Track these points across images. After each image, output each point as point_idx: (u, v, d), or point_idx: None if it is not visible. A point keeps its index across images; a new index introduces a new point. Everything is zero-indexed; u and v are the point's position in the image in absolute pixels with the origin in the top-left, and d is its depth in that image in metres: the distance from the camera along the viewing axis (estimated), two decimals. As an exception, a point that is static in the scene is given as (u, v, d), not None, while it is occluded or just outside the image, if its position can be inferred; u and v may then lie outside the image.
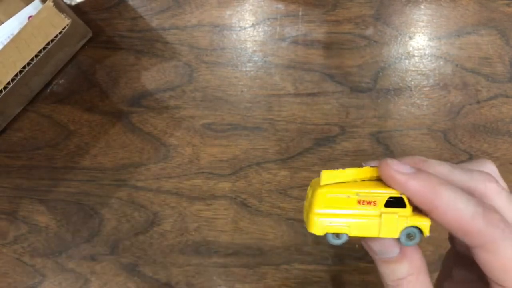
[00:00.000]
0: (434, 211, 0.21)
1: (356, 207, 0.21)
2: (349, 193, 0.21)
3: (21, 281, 0.45)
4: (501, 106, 0.45)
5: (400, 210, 0.21)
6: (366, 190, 0.21)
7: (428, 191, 0.20)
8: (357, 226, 0.22)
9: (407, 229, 0.21)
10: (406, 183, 0.21)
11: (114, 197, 0.46)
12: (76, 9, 0.49)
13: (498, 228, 0.20)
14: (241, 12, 0.48)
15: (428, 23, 0.46)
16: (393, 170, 0.21)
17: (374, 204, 0.21)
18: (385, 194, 0.21)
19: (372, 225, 0.21)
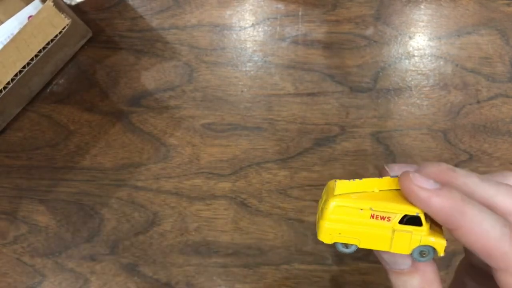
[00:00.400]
0: (458, 230, 0.20)
1: (369, 221, 0.21)
2: (363, 206, 0.20)
3: (21, 281, 0.45)
4: (501, 106, 0.45)
5: (415, 229, 0.20)
6: (380, 205, 0.20)
7: (452, 209, 0.19)
8: (367, 239, 0.21)
9: (421, 247, 0.20)
10: (429, 200, 0.20)
11: (114, 197, 0.46)
12: (76, 9, 0.49)
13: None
14: (241, 12, 0.48)
15: (428, 23, 0.46)
16: (415, 185, 0.20)
17: (388, 220, 0.20)
18: (401, 211, 0.20)
19: (383, 239, 0.21)
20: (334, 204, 0.21)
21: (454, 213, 0.19)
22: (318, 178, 0.45)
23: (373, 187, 0.21)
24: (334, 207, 0.21)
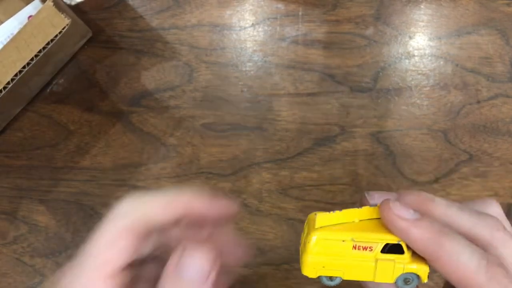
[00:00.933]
0: (436, 261, 0.20)
1: (351, 253, 0.21)
2: (344, 237, 0.21)
3: (21, 281, 0.45)
4: (501, 106, 0.45)
5: (398, 257, 0.20)
6: (362, 235, 0.21)
7: (430, 240, 0.20)
8: (351, 271, 0.21)
9: (404, 275, 0.21)
10: (408, 231, 0.20)
11: (114, 197, 0.46)
12: (76, 9, 0.49)
13: (500, 285, 0.19)
14: (241, 12, 0.48)
15: (428, 23, 0.46)
16: (394, 215, 0.20)
17: (370, 250, 0.21)
18: (382, 240, 0.20)
19: (366, 270, 0.21)
20: (316, 237, 0.21)
21: (432, 245, 0.20)
22: (318, 178, 0.45)
23: (353, 217, 0.22)
24: (316, 241, 0.21)
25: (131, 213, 0.21)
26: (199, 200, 0.22)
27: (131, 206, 0.21)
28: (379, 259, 0.20)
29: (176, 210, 0.22)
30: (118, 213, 0.22)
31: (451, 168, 0.44)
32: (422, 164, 0.44)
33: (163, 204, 0.21)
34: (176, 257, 0.20)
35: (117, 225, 0.21)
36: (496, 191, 0.43)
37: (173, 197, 0.22)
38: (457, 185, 0.44)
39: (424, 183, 0.44)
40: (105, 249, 0.20)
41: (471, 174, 0.44)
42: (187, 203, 0.22)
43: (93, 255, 0.20)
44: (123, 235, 0.21)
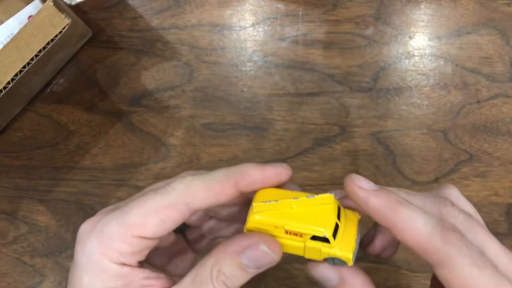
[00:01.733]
0: (393, 228, 0.21)
1: (283, 236, 0.22)
2: (277, 224, 0.22)
3: (21, 281, 0.45)
4: (501, 106, 0.45)
5: (324, 245, 0.22)
6: (293, 225, 0.22)
7: (388, 208, 0.21)
8: (285, 247, 0.23)
9: (331, 258, 0.22)
10: (367, 199, 0.22)
11: (114, 197, 0.46)
12: (76, 8, 0.49)
13: (455, 246, 0.20)
14: (241, 12, 0.48)
15: (428, 23, 0.46)
16: (355, 185, 0.22)
17: (301, 236, 0.22)
18: (310, 231, 0.22)
19: (297, 248, 0.22)
20: (253, 220, 0.23)
21: (389, 212, 0.21)
22: (318, 178, 0.45)
23: (289, 205, 0.23)
24: (253, 223, 0.23)
25: (189, 192, 0.22)
26: (253, 171, 0.23)
27: (192, 184, 0.22)
28: (307, 246, 0.22)
29: (231, 192, 0.23)
30: (177, 186, 0.22)
31: (451, 168, 0.44)
32: (422, 164, 0.44)
33: (219, 187, 0.23)
34: None
35: (174, 196, 0.22)
36: (496, 191, 0.43)
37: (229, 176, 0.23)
38: (457, 185, 0.43)
39: (424, 183, 0.44)
40: (149, 214, 0.22)
41: (471, 174, 0.44)
42: (242, 178, 0.23)
43: (138, 212, 0.22)
44: (172, 210, 0.22)
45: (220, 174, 0.23)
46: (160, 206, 0.22)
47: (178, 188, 0.22)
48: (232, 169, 0.23)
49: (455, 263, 0.20)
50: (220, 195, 0.22)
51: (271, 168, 0.23)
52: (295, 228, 0.22)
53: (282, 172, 0.23)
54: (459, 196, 0.25)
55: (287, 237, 0.22)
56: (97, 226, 0.22)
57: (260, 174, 0.23)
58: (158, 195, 0.22)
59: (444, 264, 0.20)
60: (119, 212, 0.22)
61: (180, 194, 0.22)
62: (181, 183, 0.22)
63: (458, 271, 0.20)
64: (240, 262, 0.22)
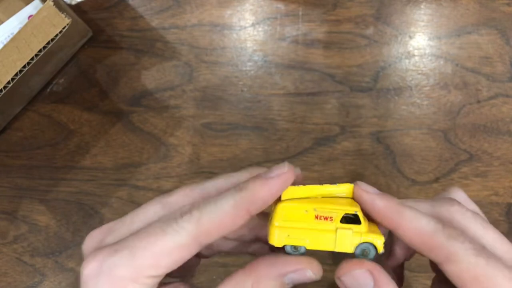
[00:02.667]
0: (398, 229, 0.22)
1: (314, 222, 0.22)
2: (307, 208, 0.22)
3: (21, 280, 0.45)
4: (501, 106, 0.45)
5: (355, 227, 0.22)
6: (323, 206, 0.23)
7: (392, 209, 0.22)
8: (313, 240, 0.22)
9: (362, 245, 0.22)
10: (372, 201, 0.23)
11: (114, 197, 0.46)
12: (76, 8, 0.49)
13: (457, 241, 0.21)
14: (241, 12, 0.48)
15: (428, 22, 0.46)
16: (361, 189, 0.23)
17: (331, 220, 0.22)
18: (341, 210, 0.22)
19: (328, 239, 0.22)
20: (281, 207, 0.23)
21: (393, 213, 0.22)
22: (318, 177, 0.45)
23: (315, 192, 0.24)
24: (281, 210, 0.23)
25: (200, 232, 0.21)
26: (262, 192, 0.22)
27: (201, 222, 0.21)
28: (339, 227, 0.22)
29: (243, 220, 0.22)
30: (187, 226, 0.21)
31: (451, 167, 0.44)
32: (422, 164, 0.44)
33: (231, 219, 0.22)
34: None
35: (184, 237, 0.21)
36: (496, 191, 0.43)
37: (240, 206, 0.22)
38: (457, 184, 0.44)
39: (424, 182, 0.44)
40: (160, 256, 0.21)
41: (471, 174, 0.44)
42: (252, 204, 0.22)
43: (149, 254, 0.21)
44: (184, 250, 0.21)
45: (229, 205, 0.21)
46: (172, 248, 0.21)
47: (187, 228, 0.21)
48: (240, 196, 0.22)
49: (461, 256, 0.21)
50: (232, 226, 0.22)
51: (278, 180, 0.22)
52: (325, 209, 0.22)
53: (288, 179, 0.23)
54: (465, 197, 0.26)
55: (317, 224, 0.22)
56: (104, 268, 0.21)
57: (269, 192, 0.22)
58: (168, 236, 0.21)
59: (450, 259, 0.21)
60: (127, 253, 0.21)
61: (191, 235, 0.21)
62: (189, 222, 0.21)
63: (466, 263, 0.21)
64: (282, 283, 0.22)
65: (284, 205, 0.23)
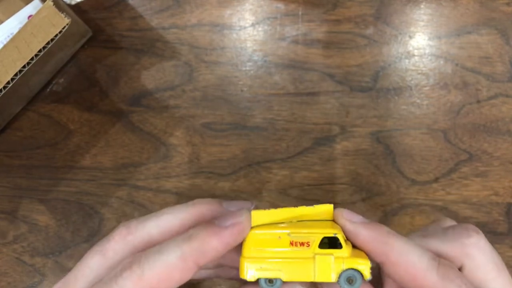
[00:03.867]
0: (386, 262, 0.20)
1: (289, 250, 0.20)
2: (280, 234, 0.20)
3: (21, 280, 0.45)
4: (501, 106, 0.45)
5: (336, 251, 0.20)
6: (299, 230, 0.20)
7: (379, 240, 0.20)
8: (290, 270, 0.20)
9: (346, 272, 0.20)
10: (356, 231, 0.20)
11: (114, 197, 0.46)
12: (75, 8, 0.49)
13: (454, 283, 0.18)
14: (241, 12, 0.48)
15: (428, 22, 0.46)
16: (344, 219, 0.20)
17: (308, 246, 0.20)
18: (319, 234, 0.20)
19: (306, 268, 0.20)
20: (251, 235, 0.20)
21: (381, 244, 0.19)
22: (318, 177, 0.45)
23: (289, 215, 0.21)
24: (252, 239, 0.20)
25: (141, 284, 0.19)
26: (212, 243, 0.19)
27: (144, 278, 0.19)
28: (317, 253, 0.20)
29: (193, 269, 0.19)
30: (128, 281, 0.19)
31: (451, 167, 0.44)
32: (422, 164, 0.44)
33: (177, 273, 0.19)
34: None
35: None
36: (496, 191, 0.43)
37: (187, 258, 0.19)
38: (456, 184, 0.44)
39: (424, 182, 0.44)
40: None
41: (471, 174, 0.44)
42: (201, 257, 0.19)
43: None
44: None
45: (175, 256, 0.19)
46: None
47: (128, 287, 0.19)
48: (187, 246, 0.19)
49: None
50: (180, 279, 0.19)
51: (233, 231, 0.19)
52: (301, 234, 0.20)
53: (244, 230, 0.20)
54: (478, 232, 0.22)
55: (293, 252, 0.20)
56: None
57: (221, 243, 0.19)
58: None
59: None
60: None
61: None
62: (130, 281, 0.19)
63: None
64: None
65: (255, 233, 0.20)
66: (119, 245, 0.22)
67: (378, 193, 0.44)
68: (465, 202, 0.43)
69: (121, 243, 0.22)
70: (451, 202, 0.43)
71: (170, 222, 0.22)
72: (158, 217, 0.22)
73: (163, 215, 0.22)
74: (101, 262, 0.22)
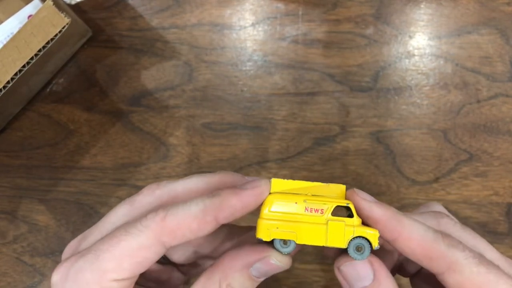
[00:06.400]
0: (398, 238, 0.21)
1: (304, 215, 0.22)
2: (297, 200, 0.22)
3: (21, 280, 0.45)
4: (501, 106, 0.45)
5: (347, 220, 0.22)
6: (314, 198, 0.22)
7: (391, 217, 0.21)
8: (304, 234, 0.22)
9: (355, 240, 0.21)
10: (371, 208, 0.22)
11: (114, 197, 0.46)
12: (75, 8, 0.49)
13: (458, 249, 0.21)
14: (241, 11, 0.48)
15: (428, 22, 0.46)
16: (359, 197, 0.22)
17: (321, 212, 0.22)
18: (333, 202, 0.22)
19: (319, 232, 0.21)
20: (270, 199, 0.22)
21: (393, 221, 0.21)
22: (318, 177, 0.45)
23: (305, 189, 0.23)
24: (270, 202, 0.22)
25: (163, 231, 0.21)
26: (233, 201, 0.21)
27: (165, 222, 0.21)
28: (330, 220, 0.21)
29: (210, 227, 0.21)
30: (150, 225, 0.21)
31: (451, 167, 0.44)
32: (422, 164, 0.44)
33: (196, 223, 0.21)
34: None
35: (147, 237, 0.21)
36: (496, 191, 0.43)
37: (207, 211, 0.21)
38: (457, 184, 0.44)
39: (424, 182, 0.44)
40: (123, 258, 0.21)
41: (471, 174, 0.44)
42: (221, 212, 0.21)
43: (110, 256, 0.21)
44: (147, 251, 0.21)
45: (197, 208, 0.21)
46: (134, 248, 0.21)
47: (151, 227, 0.21)
48: (209, 201, 0.21)
49: (463, 265, 0.20)
50: (198, 231, 0.21)
51: (252, 193, 0.21)
52: (316, 201, 0.22)
53: (262, 193, 0.22)
54: (446, 211, 0.26)
55: (307, 217, 0.22)
56: (70, 273, 0.21)
57: (240, 202, 0.21)
58: (130, 235, 0.21)
59: (452, 268, 0.20)
60: (91, 256, 0.21)
61: (154, 234, 0.21)
62: (153, 221, 0.21)
63: (468, 272, 0.20)
64: (249, 275, 0.21)
65: (273, 197, 0.22)
66: (147, 198, 0.24)
67: (378, 193, 0.44)
68: (465, 202, 0.43)
69: (149, 196, 0.24)
70: (451, 202, 0.43)
71: (196, 184, 0.24)
72: (186, 179, 0.24)
73: (191, 178, 0.24)
74: (129, 210, 0.23)
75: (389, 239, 0.22)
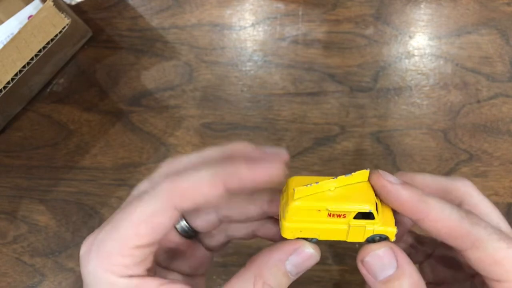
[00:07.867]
0: (425, 219, 0.22)
1: (326, 220, 0.22)
2: (320, 207, 0.22)
3: (21, 280, 0.45)
4: (501, 106, 0.45)
5: (368, 222, 0.22)
6: (336, 205, 0.22)
7: (418, 199, 0.22)
8: (326, 234, 0.23)
9: (374, 235, 0.22)
10: (398, 192, 0.22)
11: (114, 197, 0.46)
12: (76, 8, 0.49)
13: (481, 226, 0.21)
14: (241, 12, 0.48)
15: (428, 22, 0.46)
16: (385, 180, 0.22)
17: (344, 217, 0.22)
18: (355, 210, 0.22)
19: (340, 232, 0.22)
20: (293, 207, 0.22)
21: (420, 203, 0.22)
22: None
23: (330, 186, 0.23)
24: (294, 210, 0.22)
25: (174, 195, 0.21)
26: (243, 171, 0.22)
27: (176, 185, 0.21)
28: (352, 225, 0.22)
29: (219, 193, 0.22)
30: (162, 188, 0.21)
31: (451, 167, 0.44)
32: (422, 164, 0.44)
33: (206, 188, 0.21)
34: None
35: (159, 200, 0.21)
36: (496, 191, 0.43)
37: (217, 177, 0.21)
38: (457, 184, 0.44)
39: (424, 182, 0.44)
40: (139, 224, 0.21)
41: (471, 174, 0.44)
42: (230, 179, 0.21)
43: (128, 224, 0.21)
44: (161, 216, 0.21)
45: (206, 173, 0.21)
46: (149, 214, 0.21)
47: (162, 191, 0.21)
48: (220, 167, 0.21)
49: (486, 242, 0.21)
50: (208, 195, 0.21)
51: (261, 171, 0.22)
52: (338, 209, 0.22)
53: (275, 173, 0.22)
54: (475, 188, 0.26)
55: (330, 221, 0.22)
56: (94, 245, 0.22)
57: (249, 174, 0.21)
58: (144, 202, 0.21)
59: (475, 245, 0.21)
60: (110, 227, 0.22)
61: (166, 197, 0.21)
62: (164, 185, 0.21)
63: (491, 248, 0.21)
64: (285, 270, 0.22)
65: (297, 206, 0.22)
66: (164, 170, 0.25)
67: (378, 193, 0.44)
68: (465, 202, 0.43)
69: (165, 168, 0.25)
70: (451, 202, 0.43)
71: (210, 154, 0.24)
72: (201, 151, 0.25)
73: (205, 149, 0.25)
74: (148, 183, 0.25)
75: (414, 219, 0.22)
